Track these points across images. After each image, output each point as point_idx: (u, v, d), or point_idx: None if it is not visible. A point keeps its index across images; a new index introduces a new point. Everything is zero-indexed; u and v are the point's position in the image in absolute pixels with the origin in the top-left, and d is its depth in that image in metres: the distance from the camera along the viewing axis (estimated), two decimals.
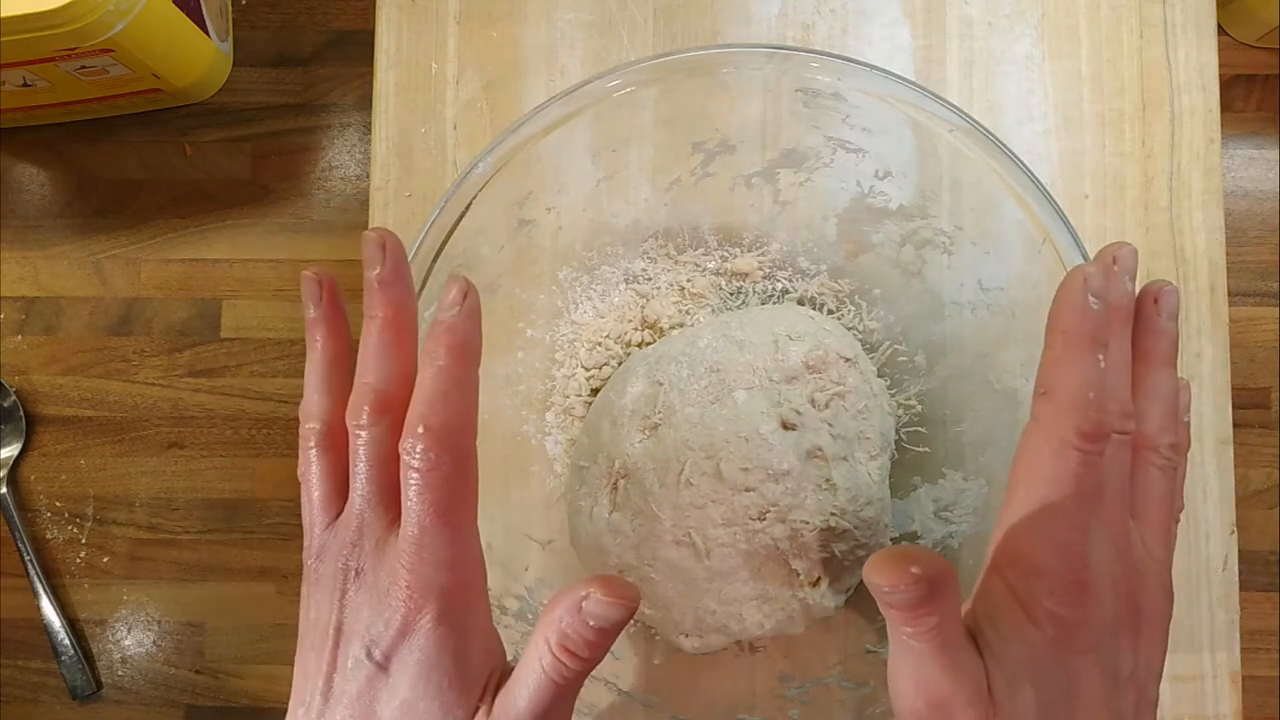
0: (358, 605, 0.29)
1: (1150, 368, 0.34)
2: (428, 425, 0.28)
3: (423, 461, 0.28)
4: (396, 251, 0.32)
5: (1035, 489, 0.30)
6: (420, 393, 0.29)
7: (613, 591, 0.28)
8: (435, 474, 0.28)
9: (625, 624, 0.29)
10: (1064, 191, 0.49)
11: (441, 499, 0.29)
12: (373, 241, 0.32)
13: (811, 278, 0.48)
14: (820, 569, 0.43)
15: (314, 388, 0.32)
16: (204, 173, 0.56)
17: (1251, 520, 0.53)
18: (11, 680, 0.54)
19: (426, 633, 0.29)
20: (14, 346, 0.55)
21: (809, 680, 0.45)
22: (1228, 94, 0.53)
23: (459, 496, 0.29)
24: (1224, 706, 0.47)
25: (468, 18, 0.51)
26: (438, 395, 0.29)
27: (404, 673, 0.29)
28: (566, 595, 0.29)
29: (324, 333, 0.33)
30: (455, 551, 0.29)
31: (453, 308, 0.30)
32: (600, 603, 0.28)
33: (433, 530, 0.29)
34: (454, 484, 0.29)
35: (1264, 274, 0.54)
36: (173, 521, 0.54)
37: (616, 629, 0.29)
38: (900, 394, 0.47)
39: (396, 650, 0.29)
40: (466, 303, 0.30)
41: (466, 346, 0.30)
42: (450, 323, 0.30)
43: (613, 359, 0.48)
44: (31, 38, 0.44)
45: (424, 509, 0.29)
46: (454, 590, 0.29)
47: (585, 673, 0.29)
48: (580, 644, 0.28)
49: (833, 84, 0.43)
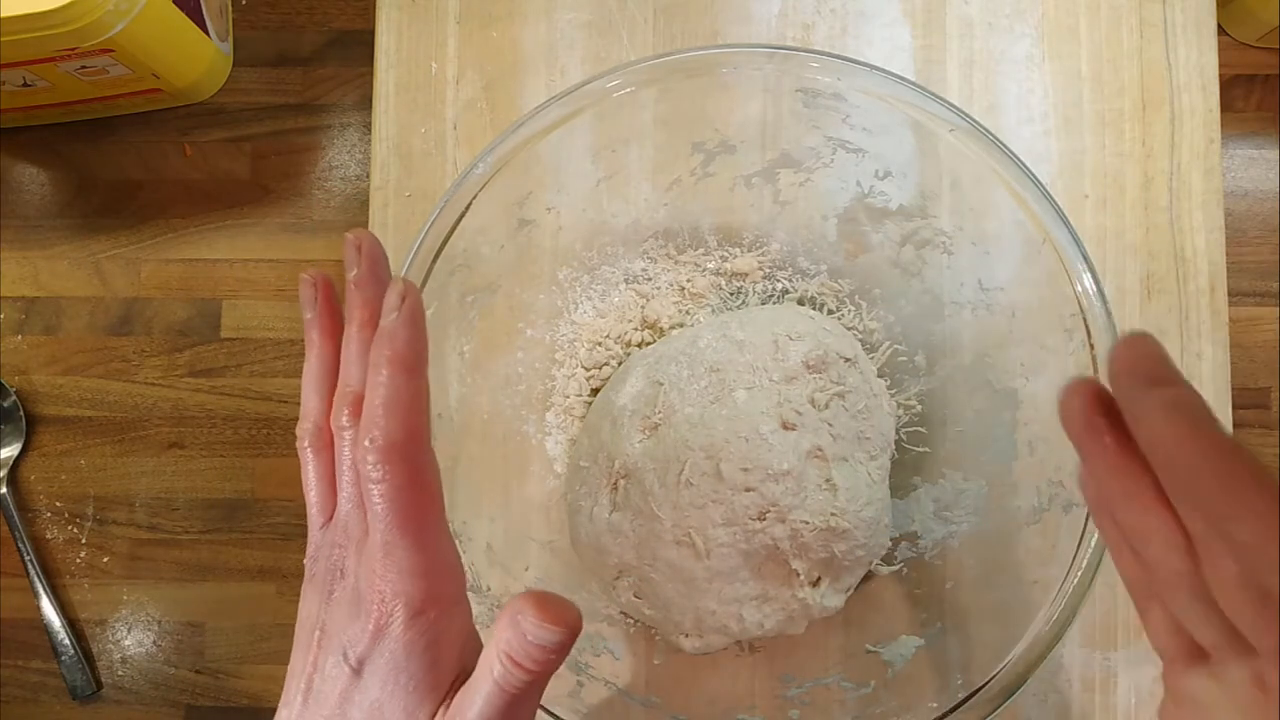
0: (340, 606, 0.30)
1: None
2: (372, 439, 0.29)
3: (375, 472, 0.29)
4: (373, 251, 0.32)
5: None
6: (367, 404, 0.29)
7: (545, 615, 0.28)
8: (387, 485, 0.29)
9: (568, 644, 0.28)
10: (1064, 191, 0.49)
11: (398, 509, 0.29)
12: (350, 244, 0.32)
13: (811, 278, 0.48)
14: (820, 569, 0.43)
15: (309, 389, 0.33)
16: (204, 173, 0.55)
17: None
18: (11, 680, 0.54)
19: (395, 637, 0.29)
20: (14, 346, 0.55)
21: (809, 680, 0.45)
22: (1228, 94, 0.53)
23: (416, 505, 0.29)
24: None
25: (468, 18, 0.51)
26: (381, 408, 0.29)
27: (374, 675, 0.29)
28: (508, 608, 0.28)
29: (319, 335, 0.33)
30: (420, 559, 0.29)
31: (391, 313, 0.30)
32: (533, 624, 0.28)
33: (395, 540, 0.29)
34: (408, 494, 0.29)
35: (1264, 274, 0.54)
36: (173, 521, 0.54)
37: (559, 648, 0.28)
38: (900, 394, 0.47)
39: (369, 655, 0.29)
40: (405, 306, 0.30)
41: (408, 354, 0.30)
42: (391, 330, 0.30)
43: (613, 359, 0.48)
44: (31, 38, 0.44)
45: (385, 519, 0.29)
46: (422, 597, 0.29)
47: (538, 682, 0.29)
48: (525, 658, 0.28)
49: (833, 84, 0.43)
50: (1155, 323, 0.49)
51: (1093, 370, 0.41)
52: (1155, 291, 0.49)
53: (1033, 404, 0.44)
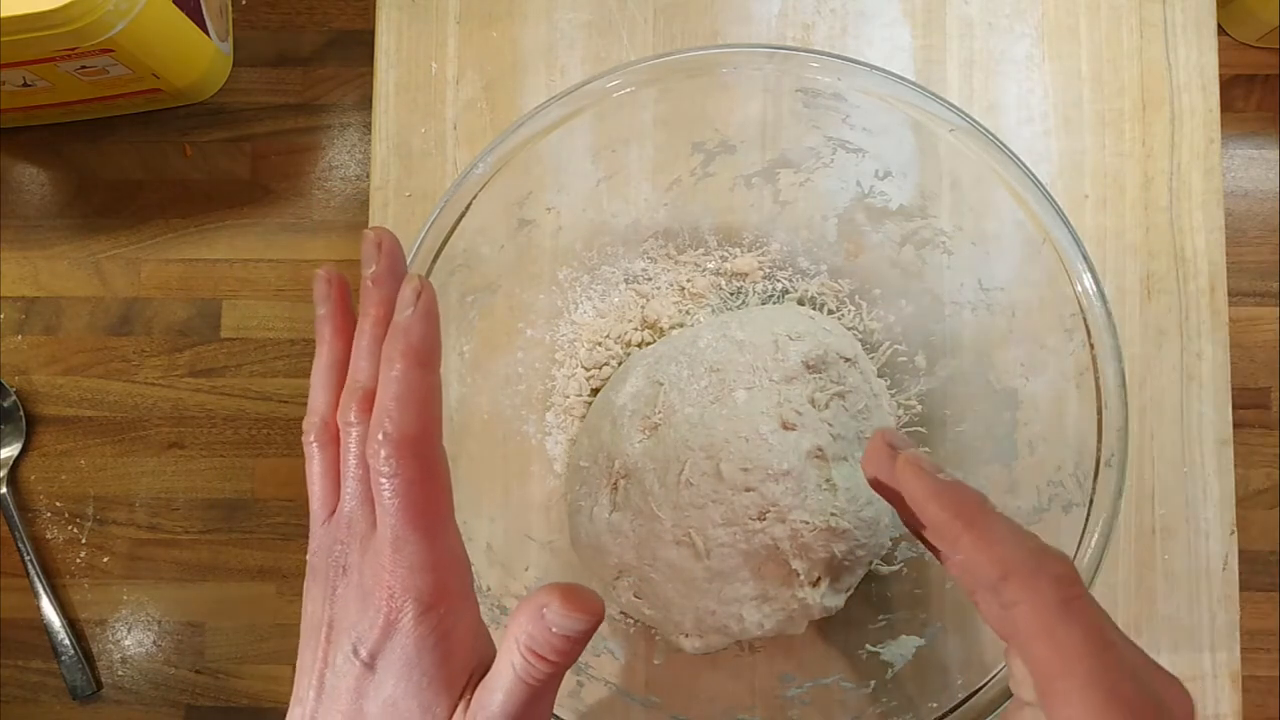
0: (346, 602, 0.30)
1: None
2: (386, 432, 0.29)
3: (386, 466, 0.29)
4: (393, 250, 0.32)
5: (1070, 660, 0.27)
6: (380, 398, 0.30)
7: (573, 605, 0.28)
8: (399, 479, 0.29)
9: (591, 632, 0.29)
10: (1064, 191, 0.49)
11: (409, 504, 0.29)
12: (370, 240, 0.32)
13: (811, 278, 0.48)
14: (820, 569, 0.43)
15: (317, 385, 0.33)
16: (204, 173, 0.56)
17: (1251, 520, 0.53)
18: (11, 680, 0.54)
19: (407, 633, 0.29)
20: (14, 346, 0.55)
21: (809, 680, 0.45)
22: (1228, 94, 0.53)
23: (428, 500, 0.29)
24: (1224, 706, 0.47)
25: (468, 18, 0.51)
26: (394, 402, 0.29)
27: (388, 671, 0.29)
28: (530, 601, 0.29)
29: (330, 331, 0.33)
30: (430, 554, 0.29)
31: (407, 308, 0.30)
32: (560, 614, 0.28)
33: (405, 535, 0.29)
34: (420, 488, 0.29)
35: (1264, 274, 0.54)
36: (173, 521, 0.54)
37: (583, 636, 0.29)
38: (900, 394, 0.47)
39: (381, 649, 0.29)
40: (421, 302, 0.30)
41: (422, 349, 0.30)
42: (406, 325, 0.30)
43: (613, 359, 0.48)
44: (31, 38, 0.44)
45: (395, 514, 0.29)
46: (432, 592, 0.29)
47: (558, 674, 0.29)
48: (547, 649, 0.28)
49: (833, 84, 0.43)
50: (1155, 323, 0.49)
51: (1092, 370, 0.41)
52: (1155, 291, 0.49)
53: (1033, 404, 0.44)
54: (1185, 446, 0.48)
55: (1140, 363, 0.49)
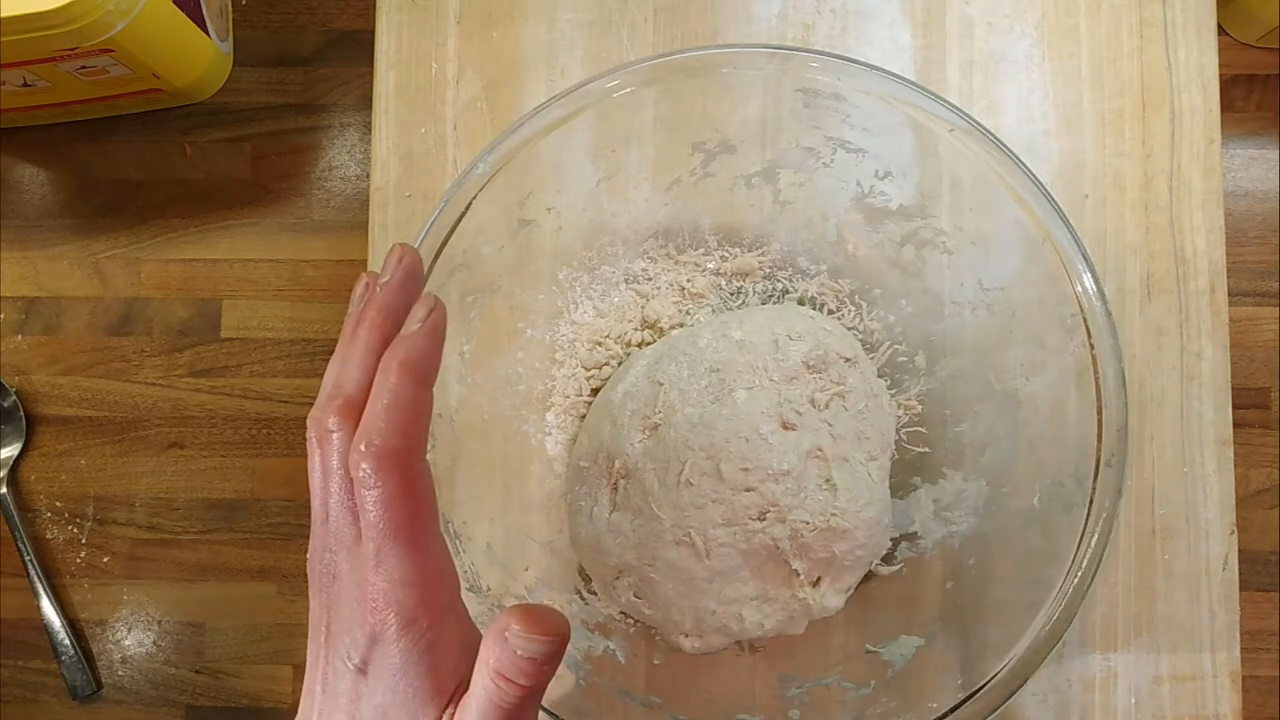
0: (339, 607, 0.30)
1: None
2: (369, 444, 0.28)
3: (367, 480, 0.28)
4: (412, 266, 0.32)
5: None
6: (371, 407, 0.29)
7: (533, 626, 0.28)
8: (381, 492, 0.28)
9: (556, 653, 0.28)
10: (1064, 191, 0.49)
11: (391, 518, 0.29)
12: (394, 253, 0.32)
13: (811, 278, 0.48)
14: (820, 569, 0.43)
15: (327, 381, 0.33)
16: (204, 173, 0.56)
17: (1251, 520, 0.53)
18: (11, 680, 0.54)
19: (391, 644, 0.29)
20: (14, 346, 0.55)
21: (809, 680, 0.45)
22: (1228, 94, 0.53)
23: (409, 514, 0.29)
24: (1224, 706, 0.47)
25: (468, 18, 0.51)
26: (382, 414, 0.29)
27: (378, 679, 0.29)
28: (496, 624, 0.28)
29: (351, 333, 0.33)
30: (412, 569, 0.29)
31: (415, 323, 0.30)
32: (520, 636, 0.28)
33: (387, 548, 0.29)
34: (401, 503, 0.29)
35: (1264, 274, 0.54)
36: (173, 521, 0.54)
37: (548, 658, 0.28)
38: (900, 394, 0.47)
39: (371, 657, 0.29)
40: (430, 319, 0.30)
41: (421, 365, 0.30)
42: (410, 337, 0.30)
43: (613, 359, 0.48)
44: (31, 38, 0.44)
45: (377, 528, 0.29)
46: (414, 606, 0.29)
47: (531, 696, 0.29)
48: (515, 672, 0.28)
49: (833, 84, 0.43)
50: (1155, 323, 0.49)
51: (1092, 370, 0.41)
52: (1155, 291, 0.49)
53: (1033, 404, 0.44)
54: (1185, 446, 0.48)
55: (1140, 363, 0.49)
